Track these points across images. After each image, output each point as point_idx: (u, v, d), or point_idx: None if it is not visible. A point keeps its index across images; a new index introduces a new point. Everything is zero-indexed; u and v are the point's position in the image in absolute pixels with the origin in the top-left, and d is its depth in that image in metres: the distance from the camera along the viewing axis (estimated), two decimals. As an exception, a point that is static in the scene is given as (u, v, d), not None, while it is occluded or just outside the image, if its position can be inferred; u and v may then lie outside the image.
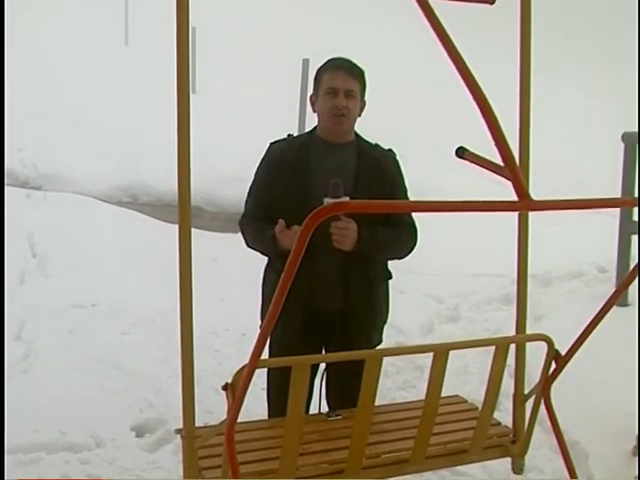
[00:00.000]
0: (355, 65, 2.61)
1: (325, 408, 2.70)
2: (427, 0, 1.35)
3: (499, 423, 2.60)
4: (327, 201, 2.31)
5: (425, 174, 8.44)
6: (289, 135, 2.79)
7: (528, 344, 2.53)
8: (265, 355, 2.18)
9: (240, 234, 2.73)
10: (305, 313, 2.60)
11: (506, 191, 1.44)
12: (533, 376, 2.59)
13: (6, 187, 6.73)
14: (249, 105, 11.18)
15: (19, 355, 4.12)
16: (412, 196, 2.72)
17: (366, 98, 2.67)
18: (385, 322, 2.78)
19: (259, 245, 2.63)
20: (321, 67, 2.64)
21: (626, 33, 16.61)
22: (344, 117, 2.56)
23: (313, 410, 2.66)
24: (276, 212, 2.56)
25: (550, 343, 2.25)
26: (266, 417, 2.79)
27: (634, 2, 15.46)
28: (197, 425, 2.15)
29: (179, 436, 2.20)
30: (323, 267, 2.55)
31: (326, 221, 2.33)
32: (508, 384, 2.60)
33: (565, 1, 18.78)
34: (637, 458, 3.25)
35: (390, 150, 2.71)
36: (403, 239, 2.66)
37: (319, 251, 2.41)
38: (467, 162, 1.80)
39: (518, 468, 2.57)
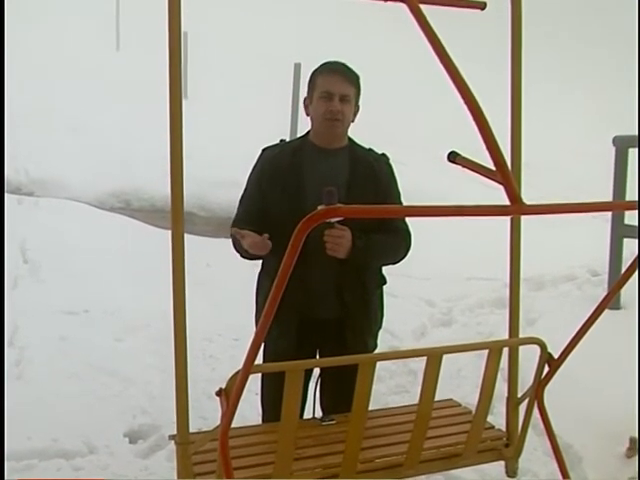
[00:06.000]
0: (350, 69, 2.60)
1: (319, 413, 2.69)
2: (419, 6, 1.35)
3: (493, 426, 2.61)
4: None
5: (418, 178, 8.46)
6: (281, 140, 2.78)
7: (521, 347, 2.53)
8: (259, 362, 2.18)
9: (232, 239, 2.72)
10: (299, 321, 2.59)
11: (499, 195, 1.44)
12: (526, 379, 2.59)
13: (-1, 193, 6.72)
14: (241, 110, 11.18)
15: (11, 361, 4.10)
16: (405, 200, 2.72)
17: (360, 102, 2.66)
18: (380, 327, 2.77)
19: (240, 249, 2.59)
20: (316, 70, 2.62)
21: (619, 37, 16.69)
22: (338, 121, 2.55)
23: (307, 415, 2.66)
24: (269, 218, 2.55)
25: (543, 346, 2.25)
26: (260, 423, 2.79)
27: (628, 5, 15.53)
28: (191, 431, 2.14)
29: (173, 442, 2.20)
30: (317, 275, 2.54)
31: (320, 229, 2.36)
32: (501, 387, 2.60)
33: (556, 5, 18.86)
34: (633, 459, 3.26)
35: (383, 154, 2.71)
36: (397, 245, 2.65)
37: (313, 259, 2.40)
38: (459, 166, 1.80)
39: (512, 471, 2.57)
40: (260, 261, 2.70)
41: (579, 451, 3.38)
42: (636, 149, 5.31)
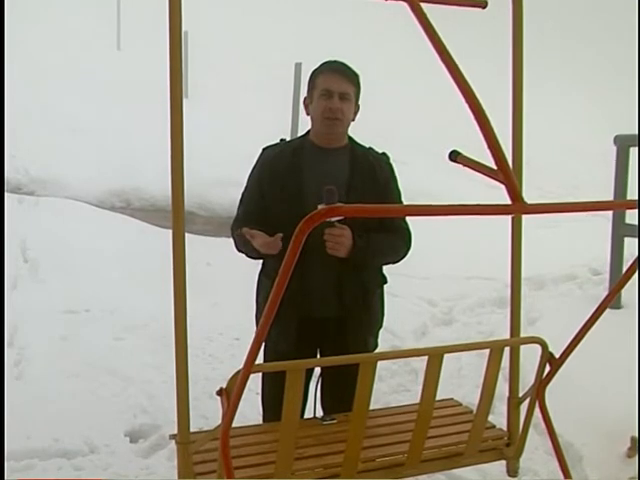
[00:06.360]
0: (350, 68, 2.60)
1: (320, 412, 2.69)
2: (420, 5, 1.35)
3: (494, 426, 2.60)
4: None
5: (419, 178, 8.47)
6: (282, 140, 2.78)
7: (522, 347, 2.53)
8: (260, 361, 2.17)
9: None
10: (299, 320, 2.59)
11: (501, 194, 1.44)
12: (527, 379, 2.59)
13: (-2, 193, 6.73)
14: (242, 109, 11.18)
15: (11, 361, 4.10)
16: (406, 200, 2.71)
17: (360, 102, 2.66)
18: (381, 327, 2.76)
19: (248, 249, 2.59)
20: (316, 69, 2.62)
21: (620, 36, 16.68)
22: (338, 120, 2.54)
23: (308, 414, 2.65)
24: (269, 218, 2.55)
25: (544, 346, 2.25)
26: (261, 422, 2.79)
27: (628, 5, 15.52)
28: (192, 430, 2.14)
29: (173, 441, 2.19)
30: (318, 274, 2.54)
31: (320, 228, 2.35)
32: (502, 387, 2.60)
33: (557, 5, 18.86)
34: (634, 459, 3.26)
35: (384, 154, 2.70)
36: (397, 245, 2.65)
37: (313, 258, 2.40)
38: (460, 166, 1.80)
39: (513, 471, 2.57)
40: (261, 260, 2.70)
41: (580, 450, 3.38)
42: (637, 148, 5.31)
